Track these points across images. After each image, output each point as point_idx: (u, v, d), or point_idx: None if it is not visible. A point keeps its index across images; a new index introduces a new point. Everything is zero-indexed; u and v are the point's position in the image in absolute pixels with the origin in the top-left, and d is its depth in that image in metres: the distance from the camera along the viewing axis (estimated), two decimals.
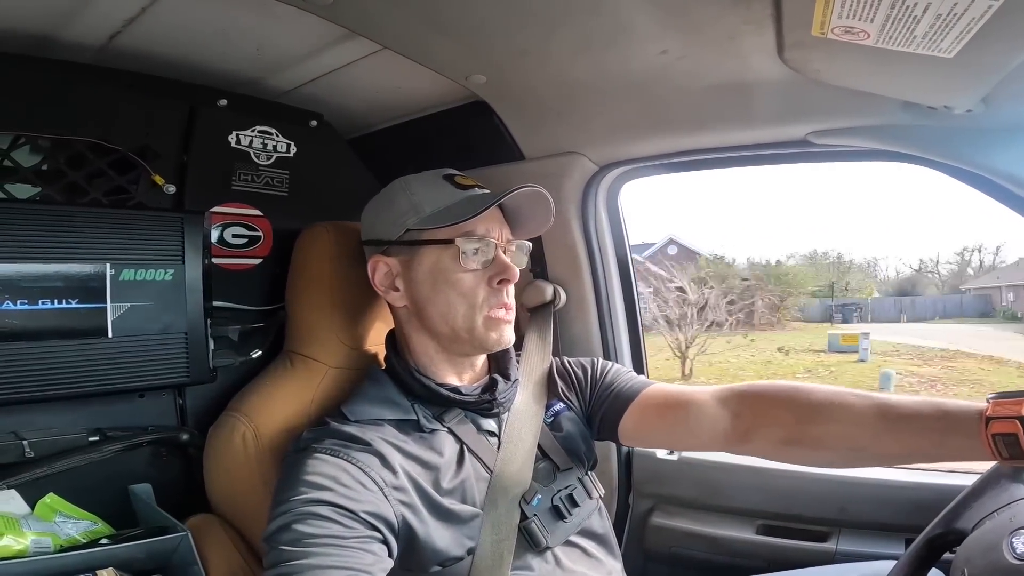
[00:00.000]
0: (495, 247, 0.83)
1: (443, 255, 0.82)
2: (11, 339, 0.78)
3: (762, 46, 0.76)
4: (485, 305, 0.82)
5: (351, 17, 0.79)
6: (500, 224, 0.85)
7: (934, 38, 0.59)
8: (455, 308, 0.82)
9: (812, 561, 1.00)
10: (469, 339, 0.83)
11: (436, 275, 0.82)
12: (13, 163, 0.86)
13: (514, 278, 0.84)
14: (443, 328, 0.83)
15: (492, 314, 0.83)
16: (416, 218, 0.83)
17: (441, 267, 0.82)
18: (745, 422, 0.82)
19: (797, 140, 0.95)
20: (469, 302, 0.82)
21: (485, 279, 0.83)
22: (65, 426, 0.85)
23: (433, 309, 0.83)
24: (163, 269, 0.89)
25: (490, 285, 0.83)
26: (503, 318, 0.84)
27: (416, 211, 0.83)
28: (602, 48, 0.82)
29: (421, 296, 0.83)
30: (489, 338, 0.83)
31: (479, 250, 0.82)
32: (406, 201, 0.84)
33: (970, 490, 0.69)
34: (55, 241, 0.81)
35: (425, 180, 0.86)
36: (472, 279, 0.82)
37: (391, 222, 0.85)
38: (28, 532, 0.77)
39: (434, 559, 0.73)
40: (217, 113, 1.01)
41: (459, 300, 0.82)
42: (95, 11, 0.79)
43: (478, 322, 0.82)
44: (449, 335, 0.83)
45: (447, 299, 0.82)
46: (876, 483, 1.03)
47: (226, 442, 0.88)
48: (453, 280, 0.82)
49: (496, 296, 0.83)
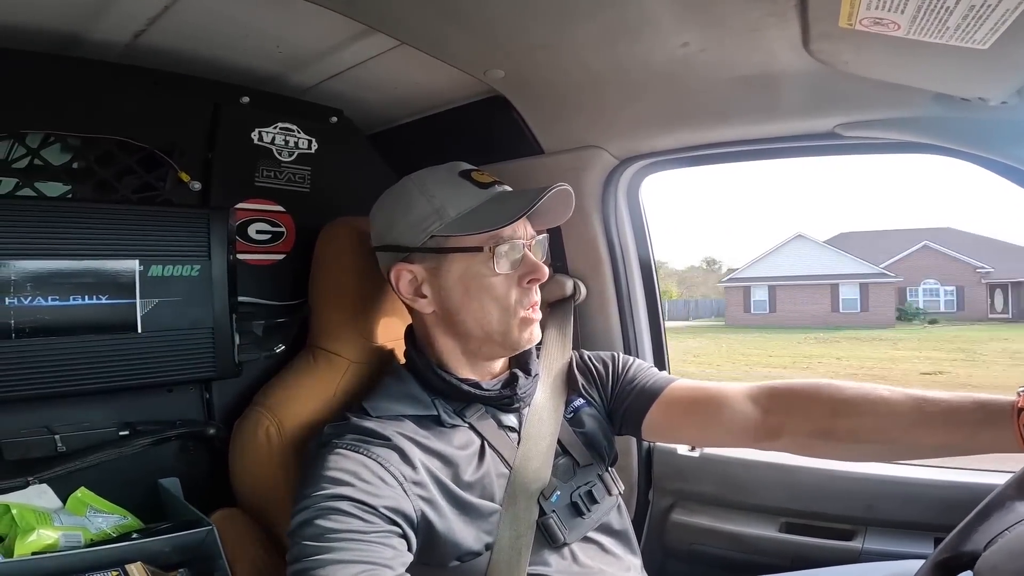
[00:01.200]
0: (523, 247, 0.82)
1: (473, 261, 0.80)
2: (43, 334, 0.79)
3: (787, 38, 0.74)
4: (519, 307, 0.82)
5: (369, 13, 0.79)
6: (524, 221, 0.84)
7: (967, 29, 0.57)
8: (490, 313, 0.81)
9: (837, 560, 0.98)
10: (502, 341, 0.83)
11: (468, 282, 0.80)
12: (44, 161, 0.87)
13: (544, 276, 0.82)
14: (477, 332, 0.82)
15: (526, 315, 0.82)
16: (440, 223, 0.80)
17: (472, 273, 0.80)
18: (776, 417, 0.82)
19: (825, 132, 0.93)
20: (503, 306, 0.81)
21: (515, 280, 0.81)
22: (96, 420, 0.87)
23: (467, 314, 0.82)
24: (190, 265, 0.90)
25: (520, 285, 0.82)
26: (534, 317, 0.84)
27: (439, 215, 0.80)
28: (622, 41, 0.81)
29: (452, 302, 0.82)
30: (522, 339, 0.83)
31: (508, 252, 0.80)
32: (426, 204, 0.81)
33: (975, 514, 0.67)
34: (85, 238, 0.82)
35: (441, 178, 0.83)
36: (504, 282, 0.81)
37: (412, 227, 0.81)
38: (59, 526, 0.79)
39: (453, 553, 0.73)
40: (240, 110, 1.02)
41: (493, 305, 0.81)
42: (119, 10, 0.80)
43: (513, 325, 0.82)
44: (482, 338, 0.83)
45: (481, 304, 0.81)
46: (904, 481, 1.01)
47: (251, 436, 0.89)
48: (486, 285, 0.80)
49: (527, 296, 0.82)
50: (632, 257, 1.22)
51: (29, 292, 0.78)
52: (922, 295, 20.08)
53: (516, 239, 0.81)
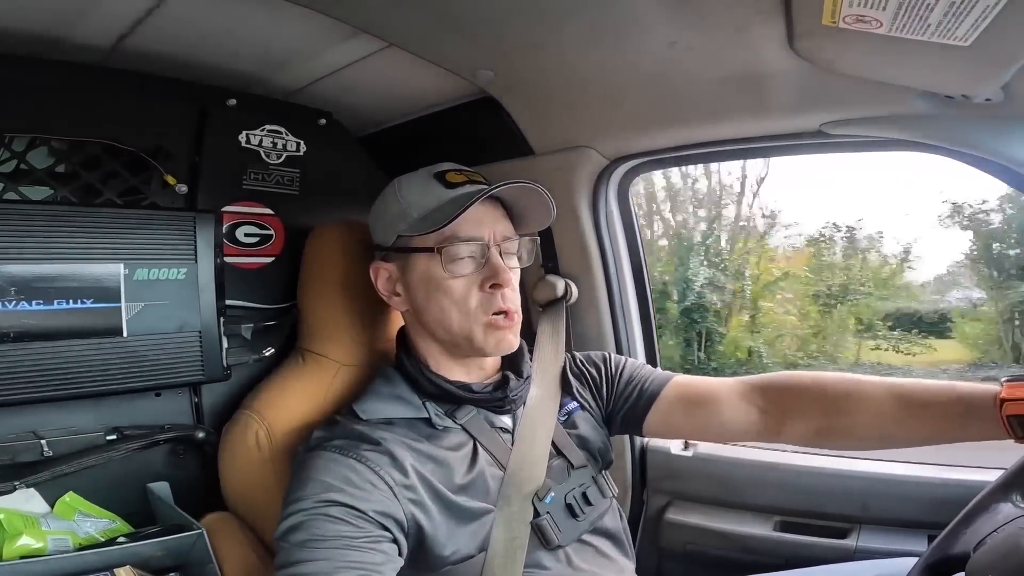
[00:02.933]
0: (486, 249, 0.79)
1: (431, 262, 0.79)
2: (28, 339, 0.79)
3: (772, 36, 0.74)
4: (480, 311, 0.79)
5: (357, 14, 0.79)
6: (494, 222, 0.81)
7: (948, 26, 0.57)
8: (449, 315, 0.80)
9: (831, 558, 0.99)
10: (468, 345, 0.81)
11: (428, 282, 0.80)
12: (29, 165, 0.87)
13: (506, 282, 0.79)
14: (442, 334, 0.82)
15: (491, 320, 0.79)
16: (405, 224, 0.81)
17: (430, 274, 0.80)
18: (774, 417, 0.84)
19: (811, 131, 0.93)
20: (461, 309, 0.79)
21: (477, 283, 0.79)
22: (83, 425, 0.86)
23: (429, 316, 0.82)
24: (176, 268, 0.90)
25: (483, 289, 0.79)
26: (503, 324, 0.80)
27: (404, 216, 0.81)
28: (610, 41, 0.81)
29: (418, 303, 0.82)
30: (488, 344, 0.80)
31: (468, 253, 0.79)
32: (396, 205, 0.82)
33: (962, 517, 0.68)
34: (70, 242, 0.82)
35: (415, 180, 0.83)
36: (463, 285, 0.79)
37: (385, 227, 0.84)
38: (47, 531, 0.78)
39: (445, 557, 0.73)
40: (227, 113, 1.01)
41: (452, 307, 0.79)
42: (103, 11, 0.79)
43: (475, 330, 0.80)
44: (449, 340, 0.82)
45: (440, 306, 0.80)
46: (898, 479, 1.02)
47: (240, 440, 0.88)
48: (444, 287, 0.79)
49: (490, 300, 0.79)
50: (623, 257, 1.22)
51: (13, 296, 0.77)
52: None
53: (476, 240, 0.79)
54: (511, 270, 0.81)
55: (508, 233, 0.83)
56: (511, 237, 0.83)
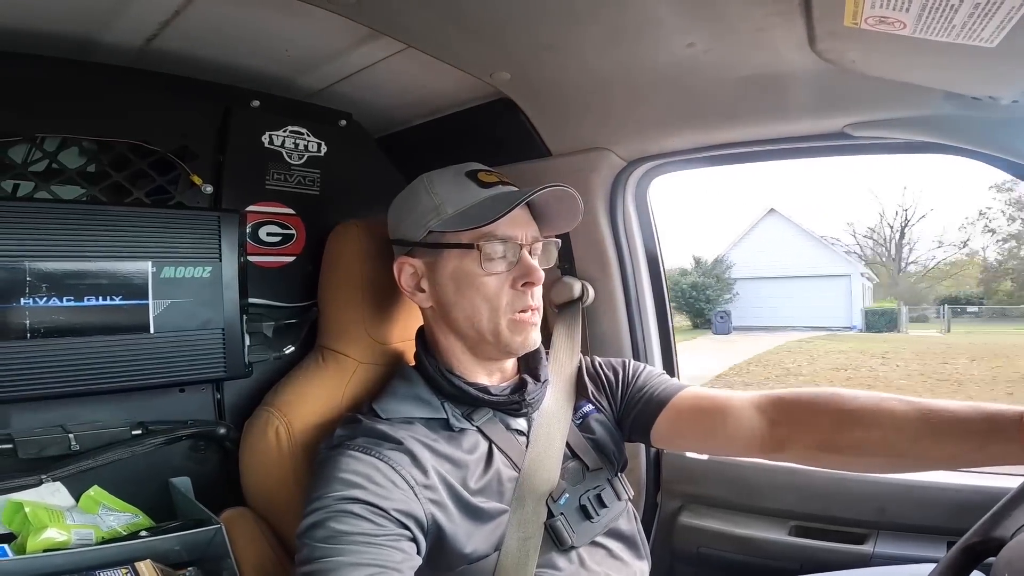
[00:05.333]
0: (519, 248, 0.82)
1: (465, 258, 0.81)
2: (58, 335, 0.81)
3: (793, 37, 0.74)
4: (509, 308, 0.81)
5: (376, 16, 0.80)
6: (525, 223, 0.84)
7: (974, 27, 0.57)
8: (479, 312, 0.81)
9: (847, 563, 0.98)
10: (494, 342, 0.82)
11: (459, 278, 0.81)
12: (60, 165, 0.89)
13: (538, 281, 0.82)
14: (468, 331, 0.83)
15: (516, 317, 0.82)
16: (438, 219, 0.82)
17: (464, 271, 0.81)
18: (782, 429, 0.81)
19: (834, 132, 0.92)
20: (492, 305, 0.81)
21: (509, 281, 0.81)
22: (109, 420, 0.88)
23: (458, 312, 0.82)
24: (201, 267, 0.91)
25: (514, 288, 0.81)
26: (528, 320, 0.82)
27: (438, 212, 0.82)
28: (627, 42, 0.81)
29: (446, 299, 0.83)
30: (514, 341, 0.82)
31: (503, 252, 0.81)
32: (428, 201, 0.83)
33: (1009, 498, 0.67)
34: (100, 240, 0.84)
35: (447, 178, 0.85)
36: (496, 282, 0.81)
37: (414, 222, 0.84)
38: (72, 524, 0.79)
39: (461, 556, 0.73)
40: (250, 114, 1.03)
41: (483, 304, 0.81)
42: (131, 14, 0.81)
43: (502, 325, 0.81)
44: (475, 338, 0.83)
45: (471, 302, 0.81)
46: (918, 485, 1.00)
47: (260, 436, 0.89)
48: (476, 284, 0.81)
49: (521, 299, 0.81)
50: (640, 259, 1.22)
51: (44, 293, 0.79)
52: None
53: (511, 239, 0.81)
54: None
55: (537, 235, 0.85)
56: (539, 239, 0.85)
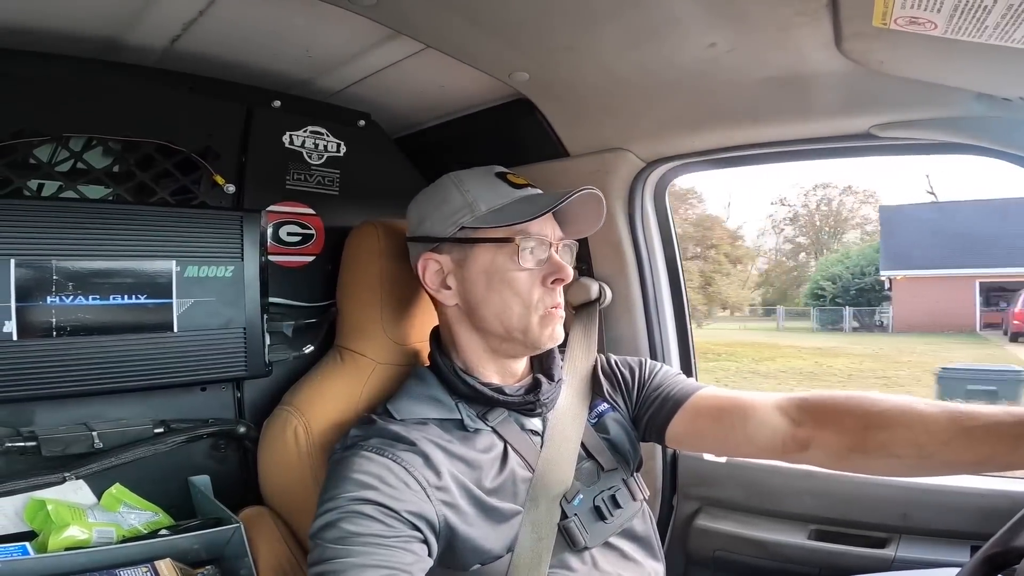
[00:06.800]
0: (549, 247, 0.83)
1: (499, 254, 0.82)
2: (84, 333, 0.81)
3: (818, 37, 0.73)
4: (540, 304, 0.82)
5: (394, 17, 0.80)
6: (552, 224, 0.85)
7: (1006, 28, 0.56)
8: (510, 307, 0.81)
9: (868, 568, 0.97)
10: (523, 339, 0.83)
11: (491, 274, 0.82)
12: (86, 165, 0.90)
13: (568, 278, 0.83)
14: (497, 327, 0.83)
15: (547, 312, 0.83)
16: (471, 216, 0.82)
17: (497, 266, 0.82)
18: (806, 430, 0.80)
19: (860, 133, 0.91)
20: (524, 301, 0.81)
21: (539, 278, 0.82)
22: (131, 418, 0.89)
23: (487, 308, 0.82)
24: (223, 266, 0.92)
25: (544, 285, 0.82)
26: (556, 315, 0.84)
27: (471, 209, 0.83)
28: (647, 42, 0.81)
29: (475, 295, 0.83)
30: (543, 335, 0.83)
31: (534, 249, 0.82)
32: (460, 198, 0.84)
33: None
34: (125, 239, 0.84)
35: (477, 177, 0.86)
36: (528, 278, 0.82)
37: (443, 219, 0.84)
38: (93, 522, 0.80)
39: (474, 558, 0.73)
40: (272, 114, 1.03)
41: (514, 299, 0.81)
42: (156, 15, 0.82)
43: (533, 321, 0.82)
44: (502, 335, 0.83)
45: (502, 298, 0.82)
46: (942, 489, 0.99)
47: (279, 436, 0.90)
48: (509, 279, 0.81)
49: (550, 296, 0.83)
50: (659, 260, 1.21)
51: (71, 291, 0.80)
52: None
53: (543, 237, 0.82)
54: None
55: (562, 236, 0.87)
56: (564, 240, 0.87)
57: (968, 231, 15.19)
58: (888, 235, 17.44)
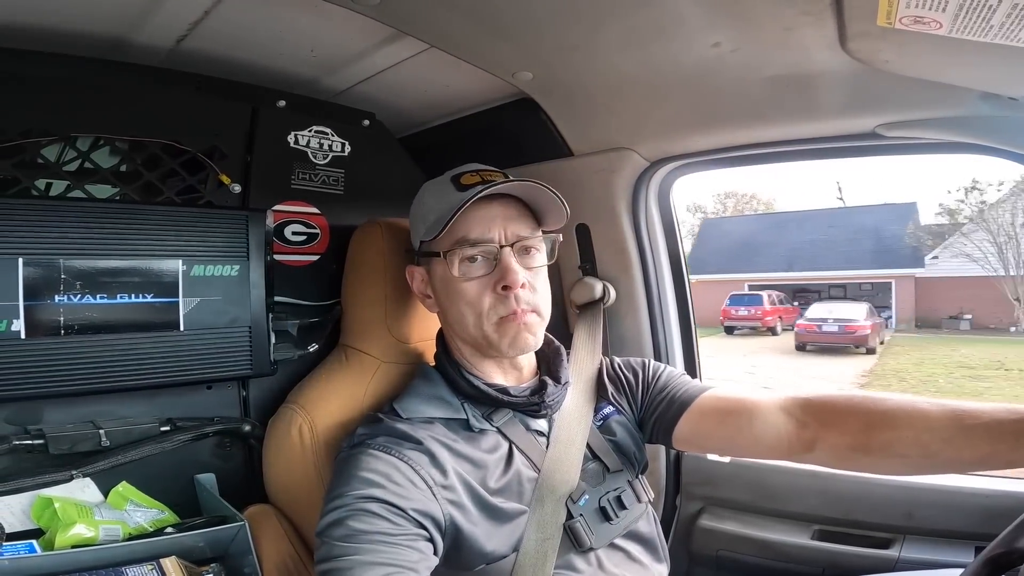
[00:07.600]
0: (498, 250, 0.79)
1: (443, 266, 0.82)
2: (91, 332, 0.82)
3: (823, 37, 0.73)
4: (492, 313, 0.80)
5: (398, 16, 0.80)
6: (505, 223, 0.80)
7: (1012, 27, 0.56)
8: (465, 317, 0.81)
9: (872, 568, 0.97)
10: (487, 346, 0.82)
11: (445, 285, 0.83)
12: (93, 164, 0.90)
13: (513, 284, 0.78)
14: (464, 335, 0.83)
15: (501, 321, 0.80)
16: (424, 228, 0.83)
17: (446, 278, 0.82)
18: (811, 431, 0.80)
19: (865, 133, 0.91)
20: (475, 311, 0.80)
21: (491, 285, 0.79)
22: (138, 416, 0.89)
23: (452, 317, 0.84)
24: (229, 265, 0.92)
25: (495, 291, 0.79)
26: (515, 322, 0.79)
27: (424, 220, 0.84)
28: (651, 42, 0.81)
29: (441, 305, 0.85)
30: (503, 344, 0.80)
31: (477, 256, 0.80)
32: (419, 210, 0.86)
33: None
34: (132, 238, 0.85)
35: (435, 185, 0.86)
36: (476, 287, 0.80)
37: (414, 232, 0.87)
38: (100, 520, 0.80)
39: (479, 557, 0.73)
40: (277, 114, 1.04)
41: (467, 309, 0.81)
42: (162, 15, 0.82)
43: (488, 330, 0.80)
44: (471, 341, 0.84)
45: (457, 309, 0.82)
46: (946, 489, 0.99)
47: (284, 434, 0.90)
48: (459, 290, 0.81)
49: (503, 303, 0.79)
50: (663, 260, 1.21)
51: (78, 290, 0.81)
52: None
53: (486, 242, 0.79)
54: (532, 269, 0.81)
55: (524, 232, 0.82)
56: (527, 236, 0.82)
57: (751, 241, 19.25)
58: (700, 244, 20.71)
